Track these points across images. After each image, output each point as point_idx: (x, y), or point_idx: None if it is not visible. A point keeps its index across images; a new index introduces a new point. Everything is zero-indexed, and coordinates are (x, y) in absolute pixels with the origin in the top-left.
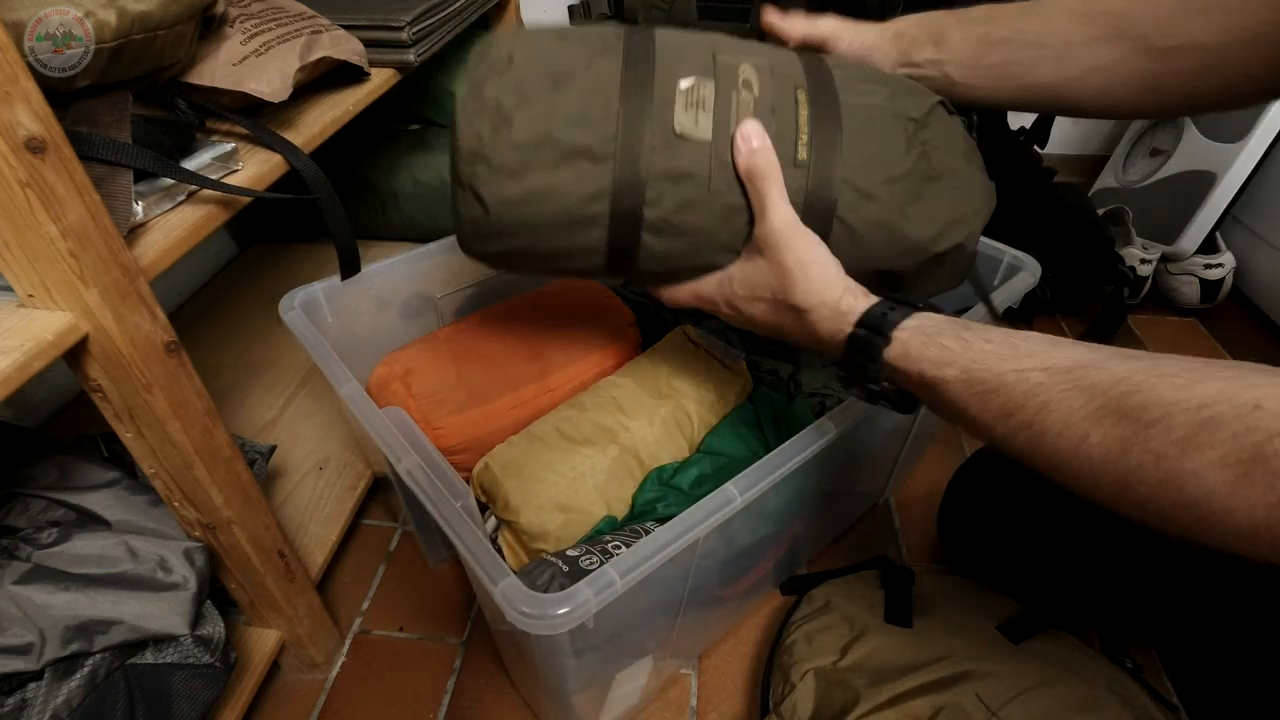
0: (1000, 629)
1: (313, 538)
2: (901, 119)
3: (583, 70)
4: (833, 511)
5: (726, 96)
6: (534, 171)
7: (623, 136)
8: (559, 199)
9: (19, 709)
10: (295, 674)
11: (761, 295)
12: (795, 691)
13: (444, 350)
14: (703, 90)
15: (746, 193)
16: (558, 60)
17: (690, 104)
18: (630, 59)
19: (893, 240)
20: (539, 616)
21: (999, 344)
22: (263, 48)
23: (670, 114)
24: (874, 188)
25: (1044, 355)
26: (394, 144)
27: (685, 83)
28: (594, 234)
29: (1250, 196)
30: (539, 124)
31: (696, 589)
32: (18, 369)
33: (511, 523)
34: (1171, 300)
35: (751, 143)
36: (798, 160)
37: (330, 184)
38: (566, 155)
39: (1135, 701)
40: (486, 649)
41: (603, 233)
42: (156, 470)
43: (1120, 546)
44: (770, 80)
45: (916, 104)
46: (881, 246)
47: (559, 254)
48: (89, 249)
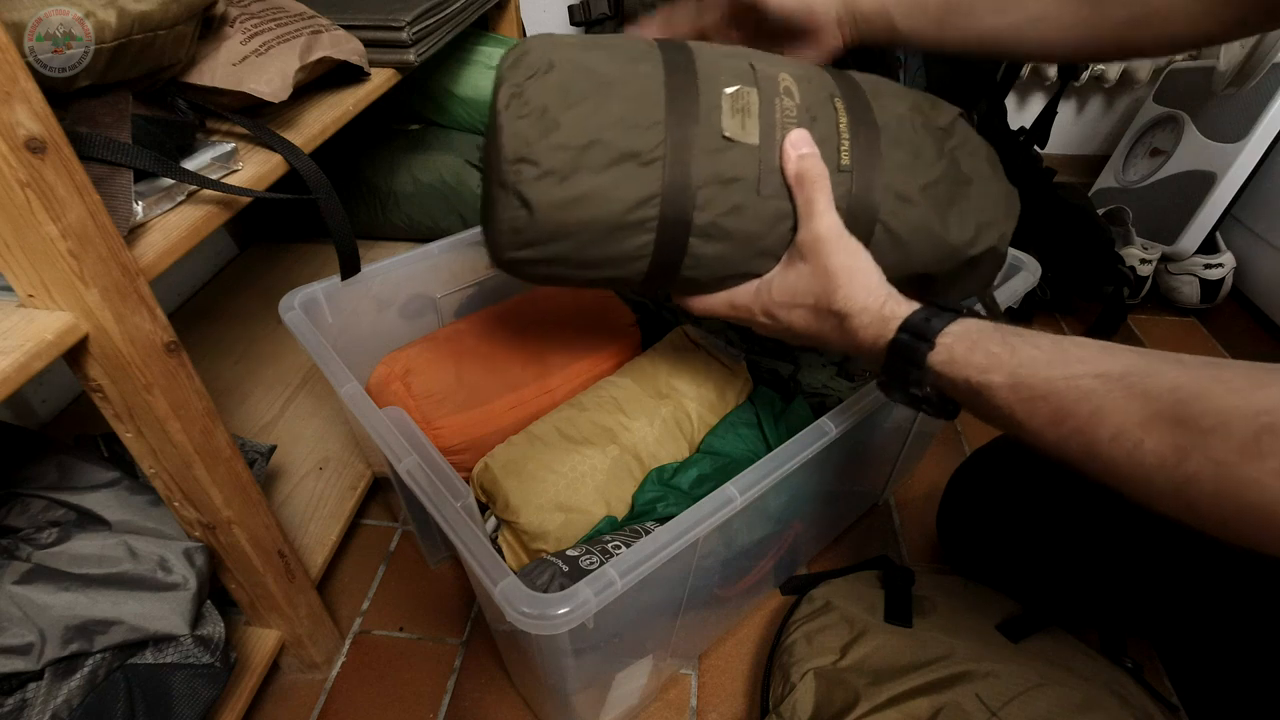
0: (999, 628)
1: (313, 538)
2: (931, 129)
3: (626, 75)
4: (833, 511)
5: (770, 102)
6: (583, 174)
7: (672, 140)
8: (608, 202)
9: (19, 709)
10: (295, 674)
11: (802, 301)
12: (795, 691)
13: (444, 350)
14: (747, 96)
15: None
16: (598, 66)
17: (736, 109)
18: (671, 66)
19: (932, 244)
20: (539, 617)
21: (1047, 350)
22: (263, 48)
23: (717, 118)
24: (913, 193)
25: (1095, 361)
26: (394, 144)
27: (730, 89)
28: (640, 239)
29: (1250, 196)
30: (587, 127)
31: (696, 589)
32: (18, 369)
33: (511, 523)
34: (1171, 300)
35: (801, 149)
36: (841, 166)
37: (330, 184)
38: (616, 159)
39: (1135, 701)
40: (486, 649)
41: (649, 238)
42: (156, 470)
43: (1120, 546)
44: (808, 89)
45: (940, 114)
46: (922, 250)
47: (601, 261)
48: (89, 249)
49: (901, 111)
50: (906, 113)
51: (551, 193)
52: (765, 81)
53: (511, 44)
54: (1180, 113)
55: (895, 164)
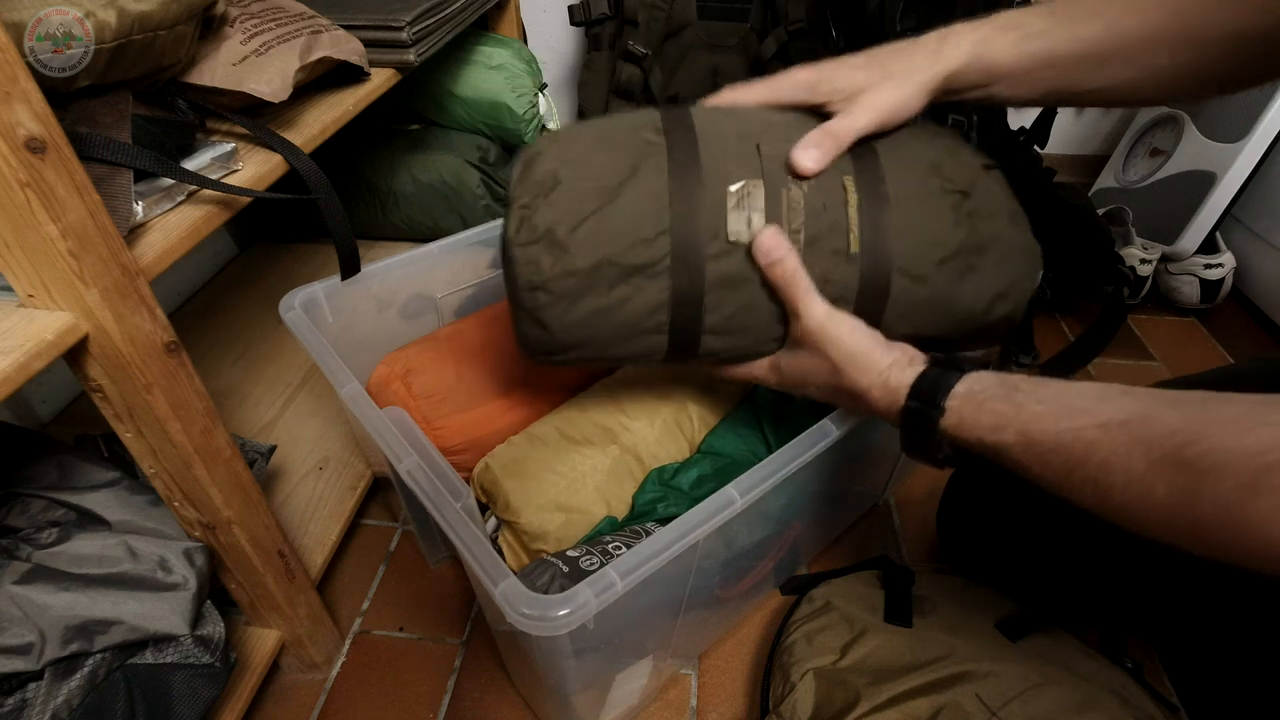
0: (999, 628)
1: (313, 538)
2: (949, 193)
3: (630, 182)
4: (833, 512)
5: (776, 195)
6: (593, 294)
7: (678, 250)
8: (619, 316)
9: (19, 709)
10: (295, 674)
11: (814, 380)
12: (795, 691)
13: (444, 350)
14: (752, 192)
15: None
16: (603, 173)
17: (741, 207)
18: (676, 162)
19: (945, 315)
20: (539, 617)
21: (1050, 403)
22: (263, 48)
23: (722, 219)
24: (926, 270)
25: (1096, 411)
26: (394, 144)
27: (735, 186)
28: (655, 339)
29: (1250, 196)
30: (595, 249)
31: (697, 590)
32: (18, 369)
33: (512, 523)
34: (1171, 300)
35: (771, 255)
36: (850, 255)
37: (330, 184)
38: (624, 275)
39: (1135, 701)
40: (486, 649)
41: (664, 338)
42: (156, 470)
43: (1120, 546)
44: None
45: (962, 172)
46: (933, 322)
47: (622, 356)
48: (89, 249)
49: (918, 179)
50: (924, 177)
51: (566, 314)
52: (772, 169)
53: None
54: (1180, 112)
55: (909, 241)
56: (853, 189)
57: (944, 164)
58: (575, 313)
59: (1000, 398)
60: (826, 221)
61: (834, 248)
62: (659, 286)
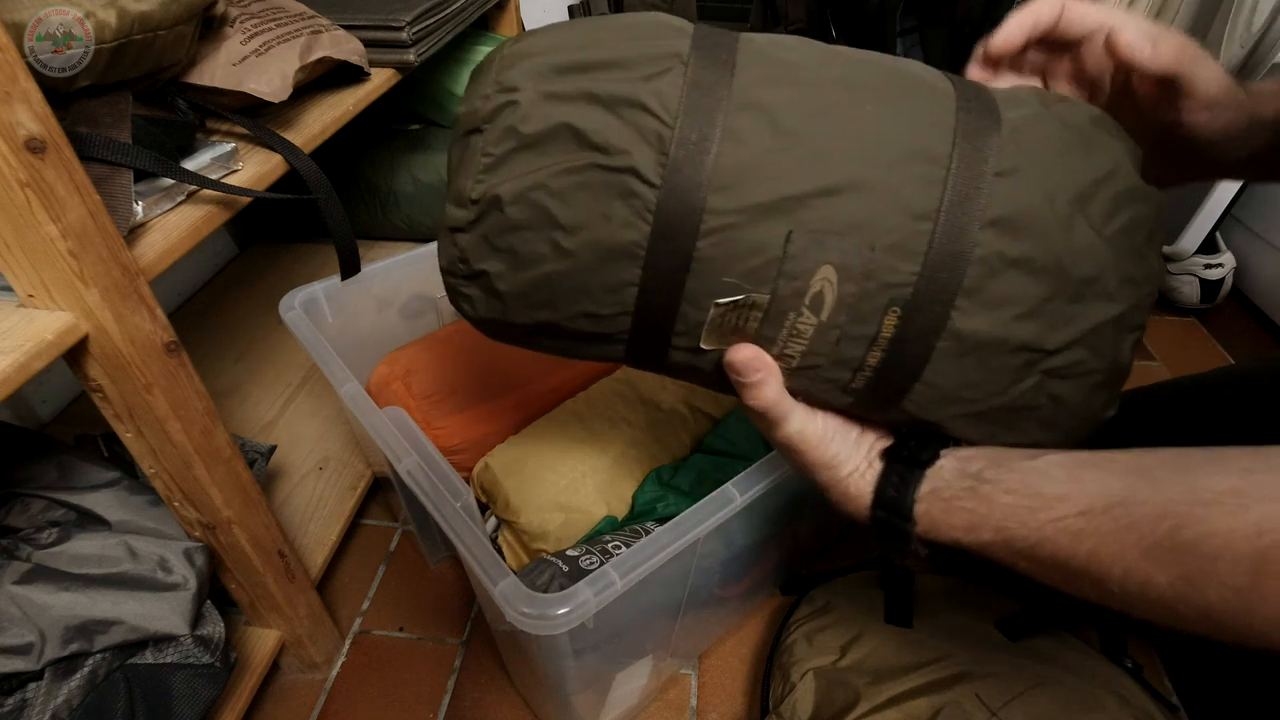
0: (999, 627)
1: (313, 538)
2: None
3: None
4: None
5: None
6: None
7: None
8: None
9: (19, 709)
10: (295, 674)
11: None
12: (795, 691)
13: (444, 350)
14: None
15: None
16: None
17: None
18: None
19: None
20: (539, 617)
21: (1022, 494)
22: (263, 48)
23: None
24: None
25: (1072, 498)
26: (394, 144)
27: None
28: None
29: (1250, 196)
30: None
31: (696, 589)
32: (18, 369)
33: (511, 523)
34: (1171, 300)
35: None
36: (849, 388)
37: (330, 184)
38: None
39: (1135, 701)
40: (486, 649)
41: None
42: (156, 470)
43: None
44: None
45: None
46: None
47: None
48: (89, 249)
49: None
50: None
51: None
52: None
53: None
54: None
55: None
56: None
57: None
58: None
59: (967, 495)
60: (832, 356)
61: (833, 379)
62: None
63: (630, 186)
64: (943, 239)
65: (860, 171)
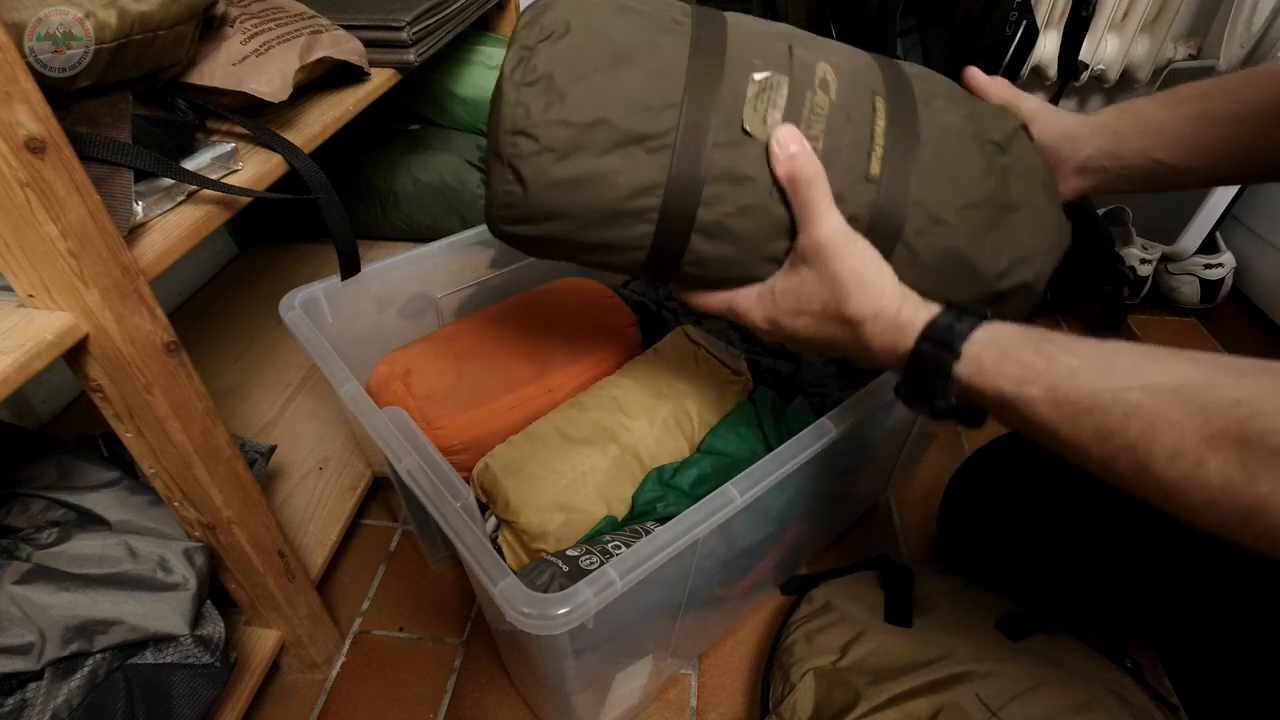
0: (999, 627)
1: (313, 538)
2: (982, 140)
3: (646, 49)
4: (833, 511)
5: (799, 96)
6: (583, 154)
7: (685, 128)
8: (607, 188)
9: (19, 709)
10: (295, 674)
11: (808, 309)
12: (795, 691)
13: (444, 350)
14: (776, 86)
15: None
16: (619, 34)
17: (761, 100)
18: (699, 43)
19: (958, 271)
20: (539, 617)
21: (1088, 358)
22: (263, 48)
23: (739, 108)
24: (947, 214)
25: (1142, 372)
26: (394, 144)
27: (760, 76)
28: (639, 229)
29: (1250, 196)
30: (595, 104)
31: (696, 589)
32: (18, 369)
33: (511, 523)
34: (1171, 300)
35: (789, 147)
36: (869, 175)
37: (330, 184)
38: (620, 141)
39: (1135, 701)
40: (486, 649)
41: (649, 229)
42: (156, 470)
43: (1120, 546)
44: (848, 83)
45: (998, 126)
46: (944, 276)
47: (598, 245)
48: (89, 249)
49: (953, 120)
50: (959, 121)
51: (547, 171)
52: (800, 70)
53: None
54: None
55: (934, 179)
56: (882, 111)
57: (981, 114)
58: (559, 171)
59: (1028, 347)
60: (848, 136)
61: (851, 165)
62: (657, 164)
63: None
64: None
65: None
